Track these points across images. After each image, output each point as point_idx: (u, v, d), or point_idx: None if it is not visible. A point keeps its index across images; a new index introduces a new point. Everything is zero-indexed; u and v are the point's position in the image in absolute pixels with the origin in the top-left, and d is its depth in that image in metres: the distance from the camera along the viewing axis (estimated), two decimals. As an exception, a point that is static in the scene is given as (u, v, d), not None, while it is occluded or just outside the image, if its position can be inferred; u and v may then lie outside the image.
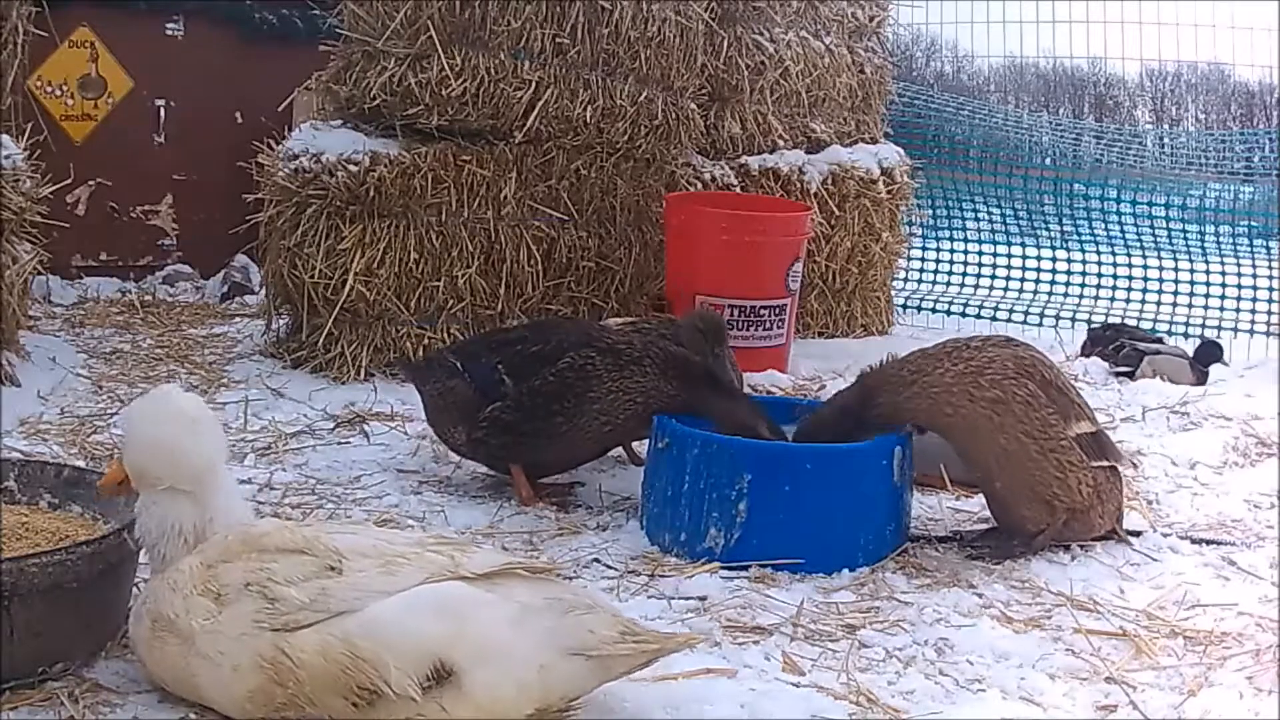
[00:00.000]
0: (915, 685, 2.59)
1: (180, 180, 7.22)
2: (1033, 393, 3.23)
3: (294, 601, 2.22)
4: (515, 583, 2.30)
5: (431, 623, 2.19)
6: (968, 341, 3.34)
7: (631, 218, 5.60)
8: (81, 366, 5.05)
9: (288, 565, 2.28)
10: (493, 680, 2.18)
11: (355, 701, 2.17)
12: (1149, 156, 10.98)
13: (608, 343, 3.64)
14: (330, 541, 2.32)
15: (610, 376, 3.57)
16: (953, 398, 3.24)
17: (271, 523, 2.48)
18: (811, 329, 6.35)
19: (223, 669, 2.24)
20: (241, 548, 2.35)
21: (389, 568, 2.26)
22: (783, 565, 3.14)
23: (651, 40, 5.38)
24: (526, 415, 3.60)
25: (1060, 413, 3.26)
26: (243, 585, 2.27)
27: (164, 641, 2.31)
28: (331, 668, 2.17)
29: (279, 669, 2.19)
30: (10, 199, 4.53)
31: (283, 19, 7.29)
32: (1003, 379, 3.22)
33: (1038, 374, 3.27)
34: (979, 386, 3.23)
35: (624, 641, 2.26)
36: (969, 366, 3.24)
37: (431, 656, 2.16)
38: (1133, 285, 7.81)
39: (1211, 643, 2.84)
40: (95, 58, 6.94)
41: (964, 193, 8.65)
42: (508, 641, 2.21)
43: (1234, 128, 20.51)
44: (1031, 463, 3.25)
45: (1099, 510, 3.36)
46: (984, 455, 3.34)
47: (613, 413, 3.59)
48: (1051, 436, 3.23)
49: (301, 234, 5.03)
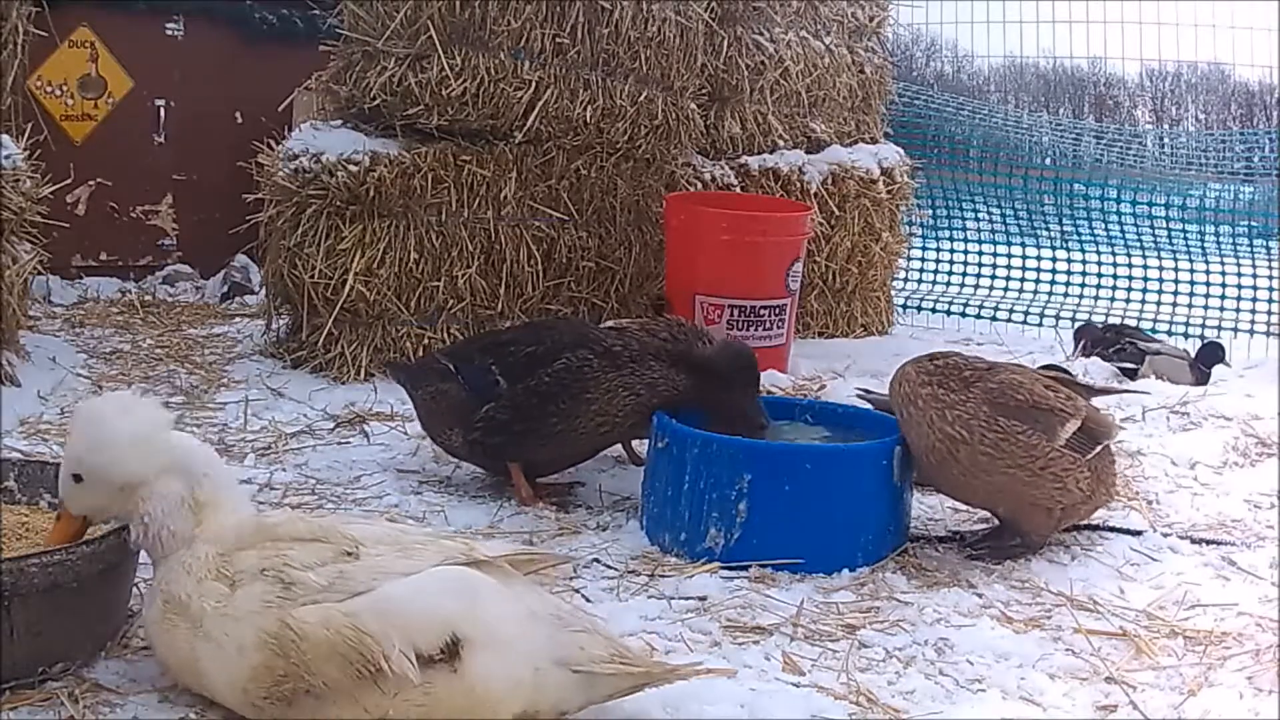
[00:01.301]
0: (915, 685, 2.59)
1: (180, 180, 7.22)
2: (1007, 430, 3.21)
3: (313, 585, 2.23)
4: (524, 588, 2.32)
5: (444, 598, 2.21)
6: (942, 380, 3.28)
7: (631, 218, 5.60)
8: (81, 366, 5.05)
9: (305, 552, 2.29)
10: (491, 666, 2.19)
11: (355, 675, 2.17)
12: (1149, 156, 10.98)
13: (604, 344, 3.64)
14: (346, 529, 2.35)
15: (607, 378, 3.58)
16: (934, 454, 3.25)
17: (285, 513, 2.49)
18: (811, 329, 6.35)
19: (227, 650, 2.24)
20: (256, 536, 2.36)
21: (406, 552, 2.29)
22: (783, 565, 3.14)
23: (651, 40, 5.38)
24: (522, 415, 3.60)
25: (1044, 428, 3.24)
26: (258, 571, 2.28)
27: (173, 624, 2.31)
28: (333, 639, 2.18)
29: (282, 642, 2.20)
30: (10, 199, 4.53)
31: (283, 19, 7.29)
32: (986, 432, 3.20)
33: (1013, 399, 3.24)
34: (960, 440, 3.21)
35: (611, 662, 2.27)
36: (952, 415, 3.22)
37: (448, 628, 2.18)
38: (1133, 285, 7.81)
39: (1211, 643, 2.84)
40: (95, 58, 6.94)
41: (964, 193, 8.66)
42: (512, 634, 2.22)
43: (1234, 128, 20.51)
44: (1026, 486, 3.25)
45: (1102, 490, 3.37)
46: (978, 497, 3.38)
47: (609, 414, 3.60)
48: (1039, 456, 3.22)
49: (301, 234, 5.03)
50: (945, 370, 3.29)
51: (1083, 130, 11.76)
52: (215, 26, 7.20)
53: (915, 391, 3.27)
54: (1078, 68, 21.77)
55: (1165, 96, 26.51)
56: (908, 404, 3.29)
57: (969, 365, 3.32)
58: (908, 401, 3.29)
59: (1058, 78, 23.06)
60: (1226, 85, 24.45)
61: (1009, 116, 10.88)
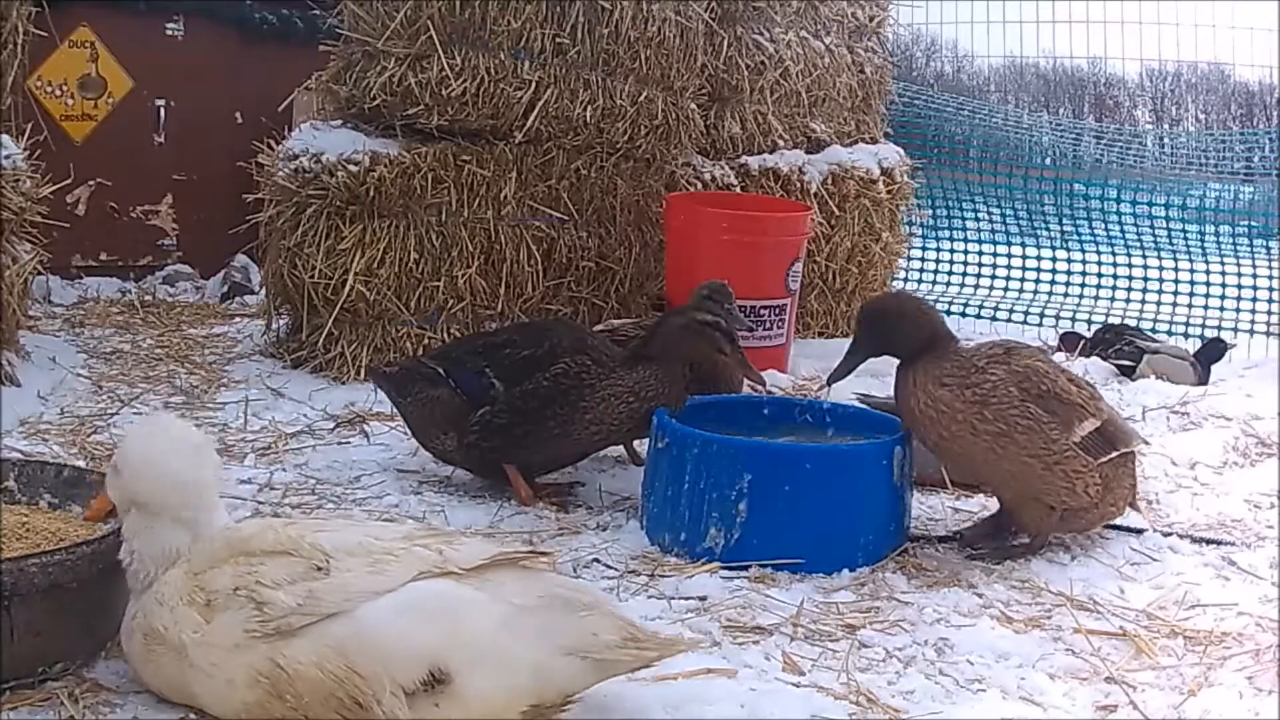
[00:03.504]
0: (915, 685, 2.59)
1: (180, 180, 7.22)
2: (1035, 415, 3.20)
3: (283, 605, 2.21)
4: (506, 578, 2.28)
5: (423, 627, 2.18)
6: (972, 359, 3.28)
7: (631, 218, 5.60)
8: (81, 366, 5.05)
9: (275, 567, 2.26)
10: (483, 683, 2.17)
11: (348, 715, 2.16)
12: (1149, 156, 10.97)
13: (603, 351, 3.63)
14: (316, 540, 2.30)
15: (603, 384, 3.57)
16: (956, 427, 3.22)
17: (255, 524, 2.46)
18: (811, 329, 6.35)
19: (216, 680, 2.23)
20: (227, 552, 2.33)
21: (377, 566, 2.25)
22: (783, 565, 3.14)
23: (651, 40, 5.37)
24: (519, 418, 3.59)
25: (1063, 422, 3.24)
26: (231, 590, 2.26)
27: (158, 655, 2.30)
28: (328, 680, 2.16)
29: (276, 681, 2.18)
30: (10, 199, 4.53)
31: (283, 19, 7.29)
32: (1007, 409, 3.19)
33: (1038, 388, 3.24)
34: (983, 419, 3.20)
35: (626, 647, 2.26)
36: (975, 394, 3.21)
37: (426, 663, 2.16)
38: (1133, 285, 7.81)
39: (1211, 643, 2.84)
40: (95, 58, 6.93)
41: (964, 193, 8.65)
42: (498, 643, 2.20)
43: (1234, 128, 20.51)
44: (1038, 478, 3.24)
45: (1109, 500, 3.36)
46: (989, 478, 3.37)
47: (604, 421, 3.59)
48: (1055, 451, 3.22)
49: (301, 234, 5.03)
50: (956, 368, 3.26)
51: (1083, 130, 11.77)
52: (215, 26, 7.20)
53: (933, 393, 3.23)
54: (1078, 68, 21.79)
55: (1165, 96, 26.52)
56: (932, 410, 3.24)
57: (979, 354, 3.30)
58: (929, 407, 3.24)
59: (1058, 78, 23.07)
60: (1226, 85, 24.45)
61: (1009, 116, 10.87)
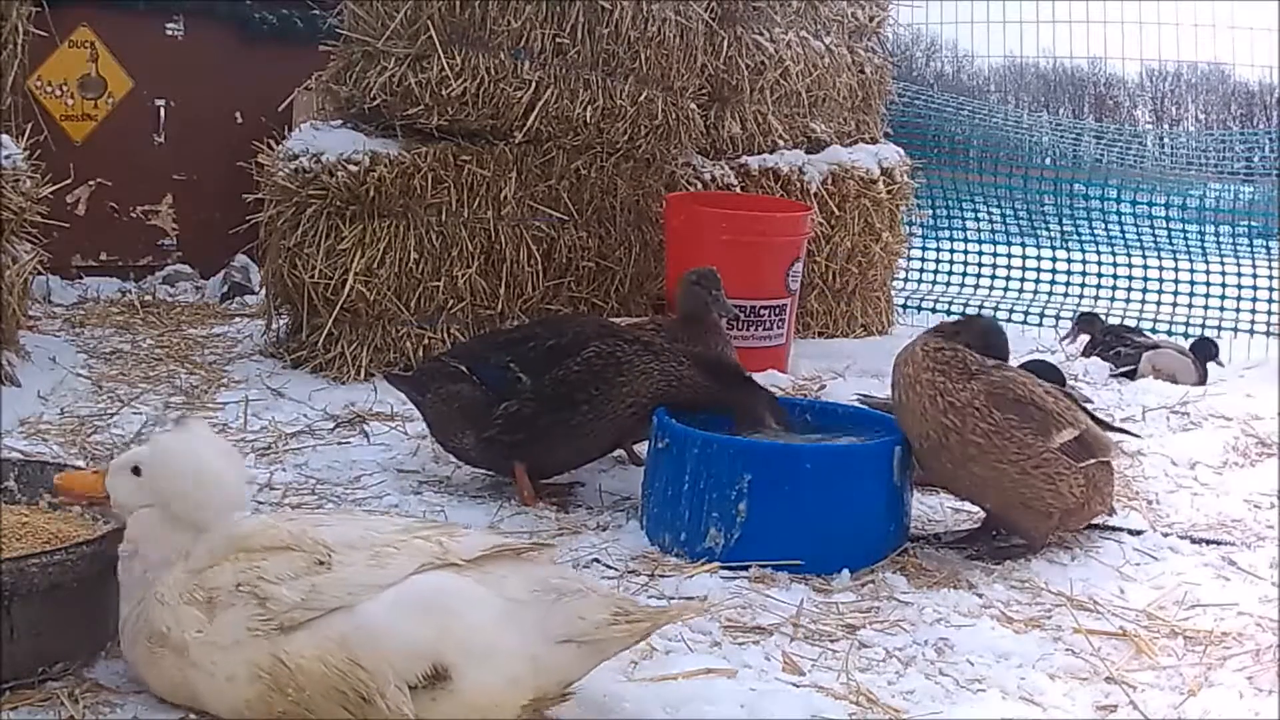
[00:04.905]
0: (915, 685, 2.59)
1: (180, 180, 7.23)
2: (1000, 423, 3.20)
3: (286, 600, 2.21)
4: (506, 570, 2.28)
5: (423, 623, 2.18)
6: (945, 369, 3.27)
7: (631, 218, 5.60)
8: (81, 366, 5.05)
9: (277, 563, 2.26)
10: (484, 678, 2.18)
11: (352, 709, 2.16)
12: (1149, 156, 10.98)
13: (631, 334, 3.66)
14: (317, 534, 2.31)
15: (642, 360, 3.57)
16: (927, 441, 3.25)
17: (256, 521, 2.46)
18: (811, 329, 6.35)
19: (218, 679, 2.23)
20: (227, 549, 2.33)
21: (378, 559, 2.25)
22: (783, 565, 3.14)
23: (651, 40, 5.38)
24: (549, 407, 3.58)
25: (1038, 429, 3.24)
26: (234, 587, 2.26)
27: (161, 657, 2.29)
28: (331, 674, 2.16)
29: (278, 676, 2.18)
30: (10, 199, 4.53)
31: (283, 19, 7.30)
32: (979, 422, 3.19)
33: (1010, 394, 3.25)
34: (952, 428, 3.21)
35: (616, 623, 2.25)
36: (945, 401, 3.21)
37: (427, 659, 2.16)
38: (1133, 285, 7.81)
39: (1211, 643, 2.84)
40: (95, 58, 6.94)
41: (964, 193, 8.66)
42: (498, 638, 2.20)
43: (1234, 128, 20.53)
44: (1015, 482, 3.24)
45: (1097, 500, 3.37)
46: (964, 487, 3.38)
47: (638, 395, 3.57)
48: (1031, 455, 3.22)
49: (301, 234, 5.03)
50: (951, 361, 3.28)
51: (1083, 130, 11.78)
52: (215, 26, 7.21)
53: (917, 375, 3.27)
54: (1078, 68, 21.81)
55: (1165, 96, 26.54)
56: (909, 387, 3.28)
57: (976, 361, 3.31)
58: (909, 384, 3.28)
59: (1058, 78, 23.09)
60: (1226, 85, 24.47)
61: (1009, 116, 10.88)
